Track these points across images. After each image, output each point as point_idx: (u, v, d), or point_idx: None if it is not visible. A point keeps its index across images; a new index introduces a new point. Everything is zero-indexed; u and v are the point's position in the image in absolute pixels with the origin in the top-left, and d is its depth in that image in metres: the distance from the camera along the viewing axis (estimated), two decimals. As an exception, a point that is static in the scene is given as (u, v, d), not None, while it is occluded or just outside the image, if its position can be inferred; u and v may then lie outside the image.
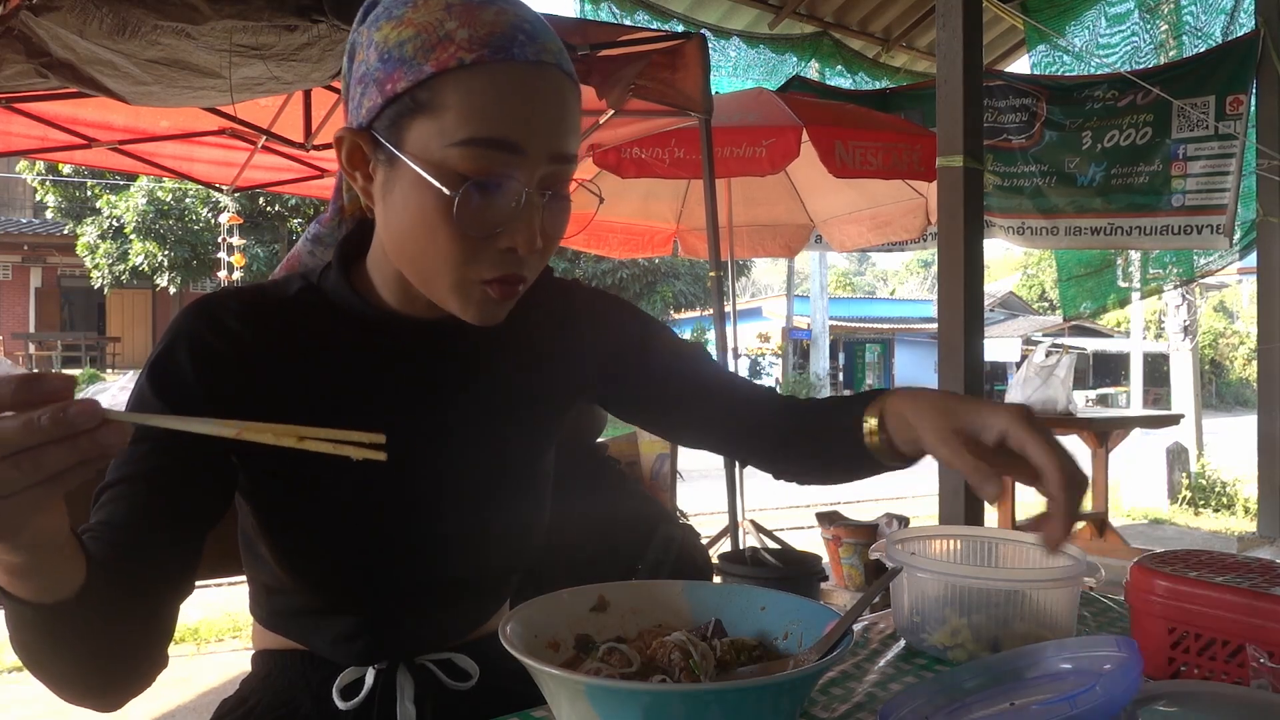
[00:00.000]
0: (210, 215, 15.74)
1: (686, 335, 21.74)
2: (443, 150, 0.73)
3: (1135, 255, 5.70)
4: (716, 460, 2.86)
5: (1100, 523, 5.51)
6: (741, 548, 3.47)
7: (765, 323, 26.62)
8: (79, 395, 0.52)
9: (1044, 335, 23.02)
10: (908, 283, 48.16)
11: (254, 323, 0.85)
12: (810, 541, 4.71)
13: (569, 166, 0.79)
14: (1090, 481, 0.73)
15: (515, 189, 0.74)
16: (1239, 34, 4.98)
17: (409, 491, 0.89)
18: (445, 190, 0.73)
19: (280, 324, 0.86)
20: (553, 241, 0.81)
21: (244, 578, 0.99)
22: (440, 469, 0.90)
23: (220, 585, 4.10)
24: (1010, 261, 36.92)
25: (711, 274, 3.44)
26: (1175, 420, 6.14)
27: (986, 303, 10.45)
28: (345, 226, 0.95)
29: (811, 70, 5.98)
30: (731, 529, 3.47)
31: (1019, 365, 5.55)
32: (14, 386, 0.50)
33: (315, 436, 0.55)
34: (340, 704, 0.90)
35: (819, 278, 20.28)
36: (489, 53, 0.72)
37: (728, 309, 3.94)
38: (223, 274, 5.48)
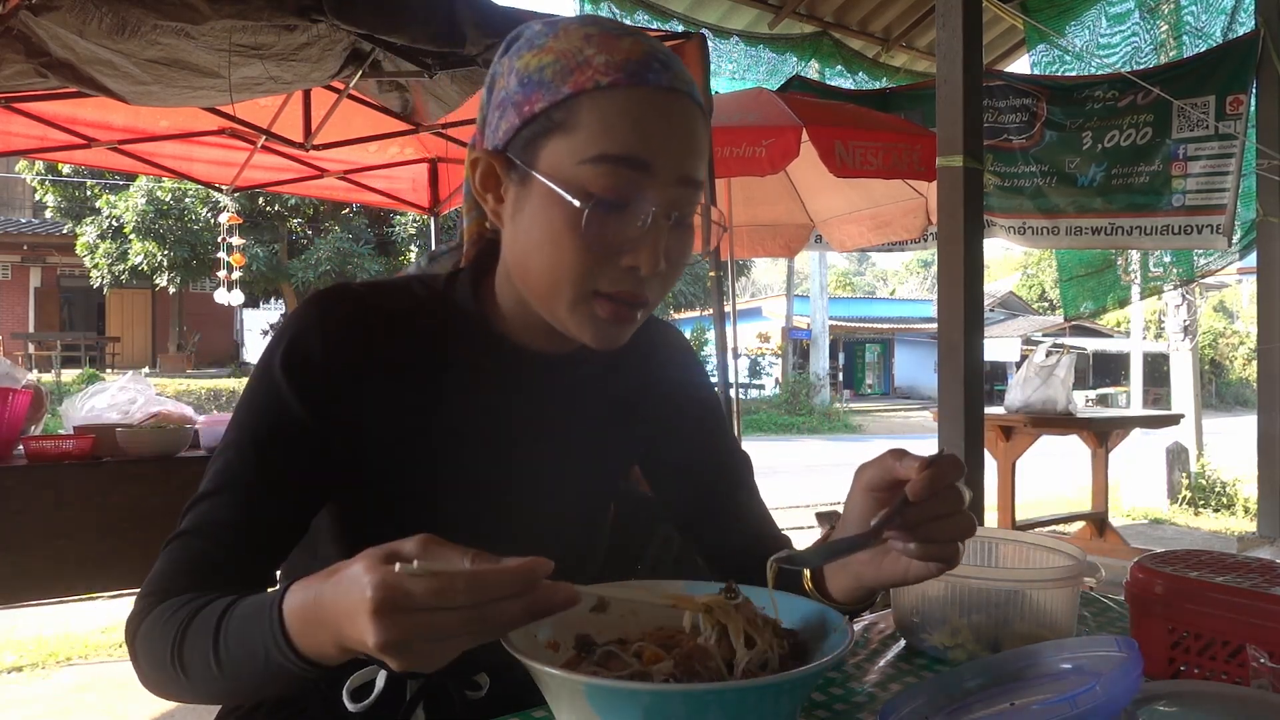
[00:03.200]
0: (210, 215, 15.74)
1: (686, 335, 21.79)
2: (575, 167, 0.75)
3: (1135, 255, 5.70)
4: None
5: (1100, 523, 5.52)
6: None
7: (765, 323, 26.63)
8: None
9: (1044, 335, 23.04)
10: (908, 283, 48.15)
11: (383, 321, 0.87)
12: (810, 541, 4.71)
13: (696, 193, 0.80)
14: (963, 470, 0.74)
15: (643, 208, 0.76)
16: (1239, 34, 4.98)
17: (487, 515, 0.91)
18: (575, 203, 0.75)
19: (405, 327, 0.88)
20: (676, 268, 0.81)
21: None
22: (520, 499, 0.92)
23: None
24: (1010, 261, 36.93)
25: (711, 274, 3.43)
26: (1175, 420, 6.14)
27: (986, 303, 10.47)
28: (466, 250, 0.96)
29: (811, 70, 5.97)
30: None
31: (1019, 365, 5.55)
32: (517, 587, 0.57)
33: None
34: (350, 706, 0.90)
35: (819, 278, 20.28)
36: (624, 76, 0.75)
37: (728, 309, 3.94)
38: (222, 274, 5.47)
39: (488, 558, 0.57)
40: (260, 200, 16.16)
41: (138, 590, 0.80)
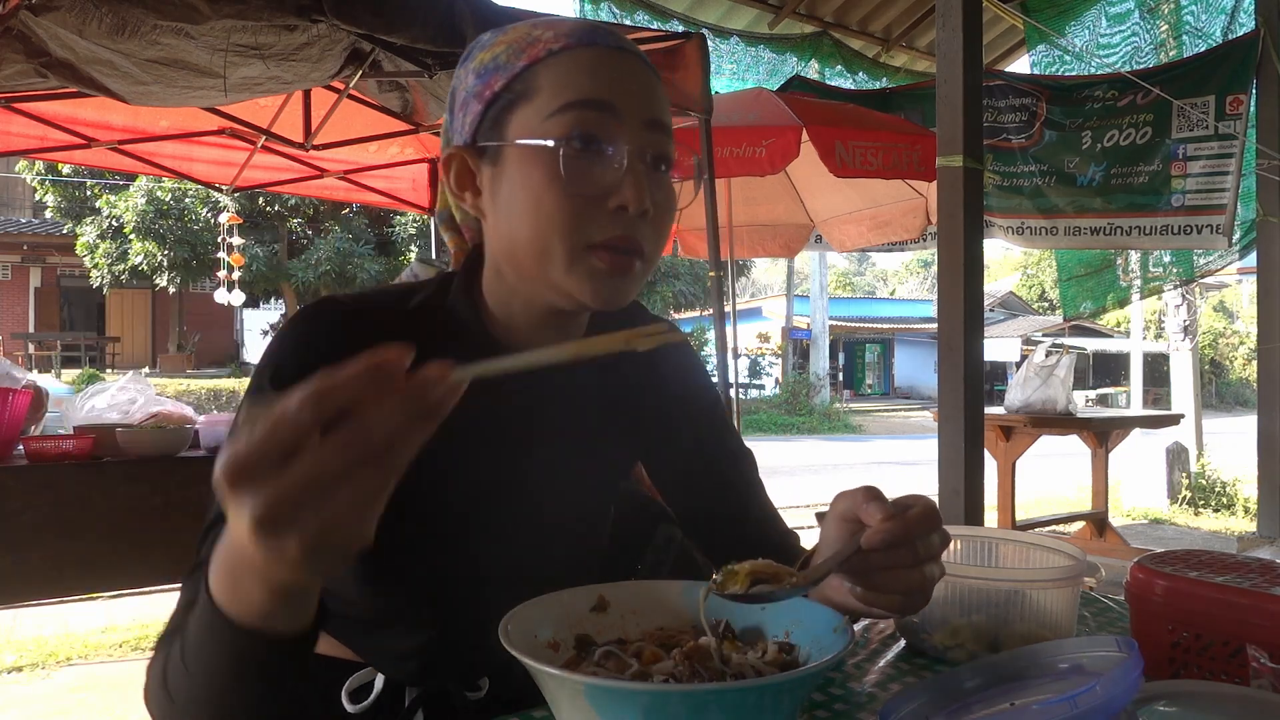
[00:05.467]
0: (210, 215, 15.74)
1: (686, 335, 21.81)
2: (543, 124, 0.77)
3: (1135, 255, 5.70)
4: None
5: (1100, 523, 5.51)
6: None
7: (765, 323, 26.65)
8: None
9: (1044, 335, 23.04)
10: (908, 283, 48.16)
11: (376, 338, 0.81)
12: (810, 541, 4.71)
13: (667, 139, 0.82)
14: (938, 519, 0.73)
15: (617, 146, 0.77)
16: (1239, 34, 4.98)
17: (492, 525, 0.90)
18: (549, 144, 0.76)
19: (394, 339, 0.84)
20: (663, 213, 0.82)
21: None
22: (519, 504, 0.91)
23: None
24: (1010, 261, 36.93)
25: (711, 274, 3.43)
26: (1175, 420, 6.14)
27: (986, 303, 10.48)
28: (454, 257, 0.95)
29: (811, 70, 5.97)
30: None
31: (1019, 365, 5.56)
32: (364, 380, 0.46)
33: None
34: (349, 707, 0.90)
35: (819, 278, 20.29)
36: (573, 41, 0.80)
37: (728, 309, 3.93)
38: (222, 274, 5.47)
39: None
40: (260, 200, 16.17)
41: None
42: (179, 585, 0.76)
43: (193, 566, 0.76)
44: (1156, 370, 19.72)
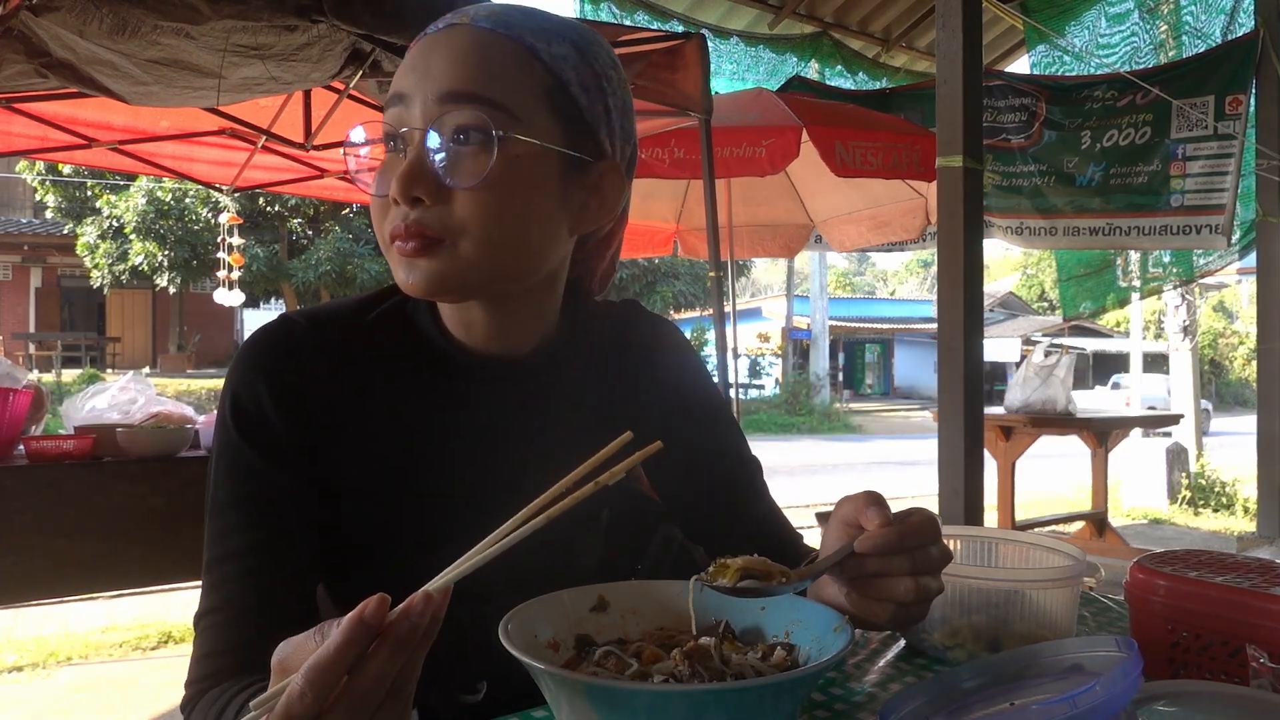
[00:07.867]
0: (210, 215, 15.75)
1: (687, 335, 21.89)
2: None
3: (1135, 255, 5.71)
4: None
5: (1100, 523, 5.52)
6: (741, 548, 3.46)
7: (765, 323, 26.66)
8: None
9: (1044, 335, 23.05)
10: (907, 283, 48.18)
11: (333, 355, 0.84)
12: (810, 541, 4.70)
13: (459, 107, 0.74)
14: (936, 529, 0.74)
15: (407, 135, 0.76)
16: (1239, 34, 4.99)
17: (488, 526, 0.87)
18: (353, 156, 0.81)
19: (360, 356, 0.85)
20: (475, 200, 0.74)
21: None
22: (498, 512, 0.86)
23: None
24: (1010, 261, 36.95)
25: (711, 274, 3.43)
26: (1175, 420, 6.15)
27: (986, 303, 10.50)
28: None
29: (811, 70, 5.98)
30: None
31: (1019, 365, 5.56)
32: (353, 647, 0.47)
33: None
34: None
35: (819, 278, 20.30)
36: (420, 33, 0.79)
37: (728, 309, 3.94)
38: (222, 274, 5.48)
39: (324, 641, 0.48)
40: (260, 200, 16.17)
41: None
42: (179, 585, 0.77)
43: (202, 612, 0.78)
44: (1156, 370, 19.72)
